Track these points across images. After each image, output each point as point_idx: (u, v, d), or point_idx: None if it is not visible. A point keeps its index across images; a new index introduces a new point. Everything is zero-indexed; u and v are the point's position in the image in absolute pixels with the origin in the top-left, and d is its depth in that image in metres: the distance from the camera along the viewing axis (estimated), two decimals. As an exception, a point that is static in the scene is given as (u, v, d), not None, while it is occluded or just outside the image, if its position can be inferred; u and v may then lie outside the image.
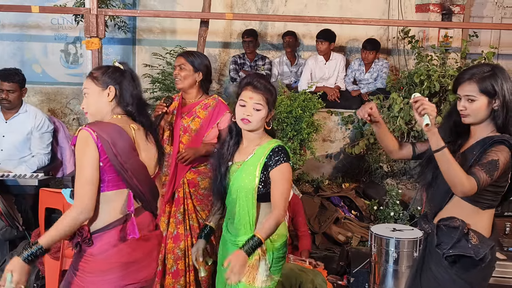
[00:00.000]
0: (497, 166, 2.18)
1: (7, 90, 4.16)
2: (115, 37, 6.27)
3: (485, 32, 6.49)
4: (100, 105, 2.28)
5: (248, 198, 2.46)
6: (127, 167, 2.16)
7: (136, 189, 2.21)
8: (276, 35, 6.53)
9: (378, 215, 4.91)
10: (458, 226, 2.28)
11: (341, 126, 5.73)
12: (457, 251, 2.26)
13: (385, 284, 3.65)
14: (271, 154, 2.44)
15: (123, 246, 2.19)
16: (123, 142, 2.18)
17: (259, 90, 2.45)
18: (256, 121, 2.46)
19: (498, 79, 2.28)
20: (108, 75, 2.28)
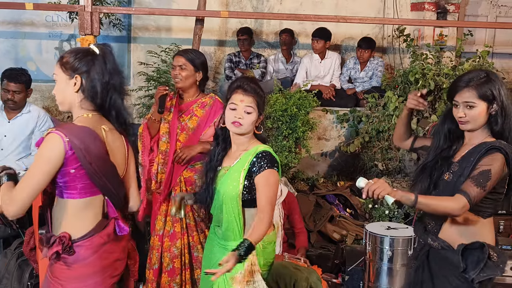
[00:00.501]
0: (489, 177, 2.20)
1: (13, 91, 4.12)
2: (110, 34, 6.24)
3: (480, 31, 6.51)
4: (67, 95, 2.15)
5: (234, 204, 2.44)
6: (101, 174, 2.08)
7: (110, 193, 2.16)
8: (272, 33, 6.53)
9: (372, 214, 4.91)
10: (480, 246, 2.27)
11: (336, 125, 5.73)
12: (487, 275, 2.25)
13: (379, 282, 3.66)
14: (254, 160, 2.41)
15: (104, 249, 2.17)
16: (96, 148, 2.07)
17: (250, 93, 2.44)
18: (247, 124, 2.44)
19: (496, 84, 2.29)
20: (77, 62, 2.11)
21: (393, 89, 5.20)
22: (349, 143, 5.40)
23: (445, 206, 2.19)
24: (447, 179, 2.38)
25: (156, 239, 3.39)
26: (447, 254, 2.36)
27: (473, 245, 2.30)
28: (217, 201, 2.52)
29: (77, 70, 2.11)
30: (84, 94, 2.13)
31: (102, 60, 2.14)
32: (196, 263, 3.35)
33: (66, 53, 2.19)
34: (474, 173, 2.23)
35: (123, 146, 2.27)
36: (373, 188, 2.15)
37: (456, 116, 2.34)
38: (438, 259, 2.42)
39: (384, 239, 3.60)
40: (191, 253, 3.36)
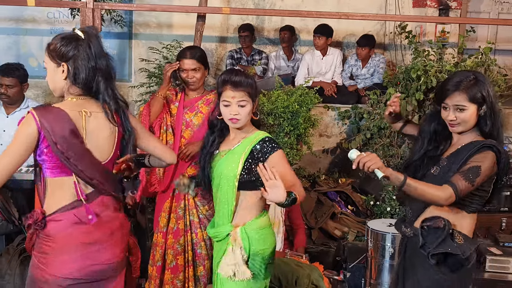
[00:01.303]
0: (478, 173, 2.21)
1: (6, 85, 4.13)
2: (112, 31, 6.24)
3: (482, 28, 6.49)
4: (57, 82, 2.22)
5: (229, 186, 2.46)
6: (68, 155, 2.12)
7: (82, 175, 2.18)
8: (273, 29, 6.51)
9: (374, 210, 4.92)
10: (443, 226, 2.27)
11: (338, 121, 5.73)
12: (443, 249, 2.26)
13: (381, 279, 3.67)
14: (262, 143, 2.45)
15: (80, 226, 2.18)
16: (61, 129, 2.12)
17: (240, 87, 2.44)
18: (244, 117, 2.46)
19: (485, 86, 2.31)
20: (62, 48, 2.16)
21: (394, 86, 5.19)
22: (351, 140, 5.39)
23: (432, 193, 2.20)
24: (434, 172, 2.40)
25: (159, 236, 3.40)
26: (417, 240, 2.37)
27: (435, 222, 2.29)
28: (214, 183, 2.55)
29: (63, 57, 2.16)
30: (71, 80, 2.18)
31: (87, 44, 2.17)
32: (199, 260, 3.35)
33: (52, 40, 2.22)
34: (464, 168, 2.24)
35: (109, 130, 2.26)
36: (364, 160, 2.16)
37: (446, 119, 2.36)
38: (411, 247, 2.45)
39: (386, 236, 3.61)
40: (194, 250, 3.36)
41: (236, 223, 2.48)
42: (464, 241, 2.29)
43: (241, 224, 2.46)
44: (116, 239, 2.31)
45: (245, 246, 2.42)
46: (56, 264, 2.17)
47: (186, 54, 3.34)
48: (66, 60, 2.16)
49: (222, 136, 2.60)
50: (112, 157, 2.31)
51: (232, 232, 2.45)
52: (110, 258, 2.27)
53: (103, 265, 2.25)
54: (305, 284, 3.46)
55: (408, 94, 4.99)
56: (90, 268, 2.21)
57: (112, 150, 2.30)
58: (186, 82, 3.35)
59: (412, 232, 2.42)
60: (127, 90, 6.33)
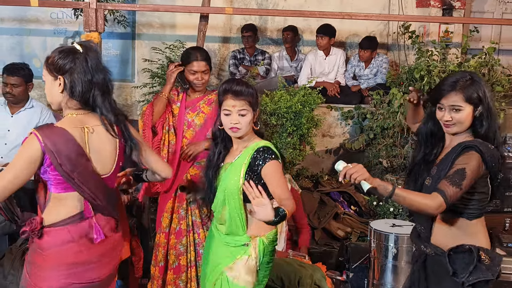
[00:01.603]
0: (464, 175, 2.17)
1: (12, 84, 4.14)
2: (115, 31, 6.25)
3: (486, 28, 6.47)
4: (54, 95, 2.23)
5: (235, 199, 2.45)
6: (73, 175, 2.15)
7: (85, 195, 2.20)
8: (276, 30, 6.51)
9: (377, 211, 4.90)
10: (471, 251, 2.24)
11: (340, 122, 5.72)
12: (477, 278, 2.22)
13: (384, 279, 3.66)
14: (255, 154, 2.43)
15: (72, 246, 2.19)
16: (67, 151, 2.13)
17: (240, 96, 2.43)
18: (245, 126, 2.45)
19: (481, 87, 2.29)
20: (59, 62, 2.17)
21: (398, 86, 5.18)
22: (354, 140, 5.39)
23: (421, 202, 2.16)
24: (427, 183, 2.37)
25: (162, 237, 3.40)
26: (441, 260, 2.33)
27: (461, 248, 2.27)
28: (219, 197, 2.53)
29: (60, 70, 2.17)
30: (68, 93, 2.19)
31: (84, 58, 2.18)
32: (201, 261, 3.35)
33: (51, 53, 2.24)
34: (450, 172, 2.21)
35: (110, 143, 2.28)
36: (350, 172, 2.13)
37: (442, 120, 2.33)
38: (434, 265, 2.40)
39: (389, 236, 3.60)
40: (197, 251, 3.36)
41: (253, 234, 2.47)
42: (491, 260, 2.26)
43: (258, 235, 2.46)
44: (105, 260, 2.31)
45: (259, 257, 2.44)
46: (39, 278, 2.19)
47: (197, 56, 3.30)
48: (62, 73, 2.17)
49: (226, 149, 2.59)
50: (115, 170, 2.32)
51: (253, 243, 2.44)
52: (96, 277, 2.27)
53: (89, 283, 2.25)
54: (307, 284, 3.45)
55: (411, 94, 4.97)
56: (75, 286, 2.21)
57: (114, 163, 2.31)
58: (193, 84, 3.34)
59: (434, 252, 2.37)
60: (130, 90, 6.34)
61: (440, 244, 2.35)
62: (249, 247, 2.45)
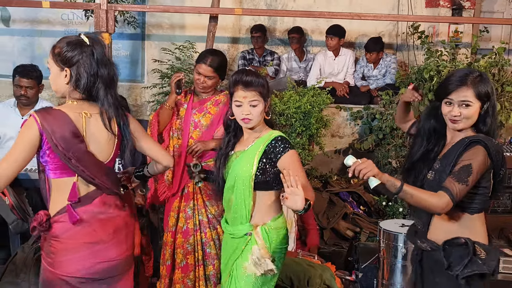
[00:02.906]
0: (470, 171, 2.16)
1: (26, 87, 4.17)
2: (125, 32, 6.29)
3: (495, 27, 6.44)
4: (59, 85, 2.26)
5: (245, 186, 2.46)
6: (69, 155, 2.17)
7: (84, 175, 2.22)
8: (285, 30, 6.52)
9: (386, 211, 4.90)
10: (467, 244, 2.23)
11: (350, 122, 5.73)
12: (471, 271, 2.20)
13: (393, 279, 3.65)
14: (274, 143, 2.44)
15: (84, 225, 2.22)
16: (62, 131, 2.16)
17: (251, 87, 2.45)
18: (256, 117, 2.47)
19: (489, 83, 2.28)
20: (67, 54, 2.20)
21: (407, 87, 5.17)
22: (363, 140, 5.39)
23: (428, 201, 2.15)
24: (430, 178, 2.36)
25: (169, 236, 3.42)
26: (435, 255, 2.32)
27: (456, 241, 2.25)
28: (228, 184, 2.55)
29: (67, 63, 2.21)
30: (73, 85, 2.23)
31: (91, 51, 2.21)
32: (208, 260, 3.37)
33: (58, 43, 2.26)
34: (455, 169, 2.19)
35: (108, 132, 2.30)
36: (360, 167, 2.14)
37: (450, 115, 2.29)
38: (429, 260, 2.39)
39: (398, 236, 3.59)
40: (204, 250, 3.37)
41: (255, 223, 2.48)
42: (487, 254, 2.24)
43: (260, 224, 2.47)
44: (120, 237, 2.34)
45: (267, 245, 2.44)
46: (63, 264, 2.21)
47: (206, 59, 3.31)
48: (69, 65, 2.21)
49: (236, 137, 2.61)
50: (113, 157, 2.35)
51: (255, 232, 2.45)
52: (116, 255, 2.31)
53: (110, 262, 2.29)
54: (317, 284, 3.46)
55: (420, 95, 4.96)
56: (97, 266, 2.25)
57: (113, 151, 2.34)
58: (195, 83, 3.37)
59: (429, 247, 2.36)
60: (140, 91, 6.38)
61: (436, 239, 2.34)
62: (252, 237, 2.46)
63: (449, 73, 2.41)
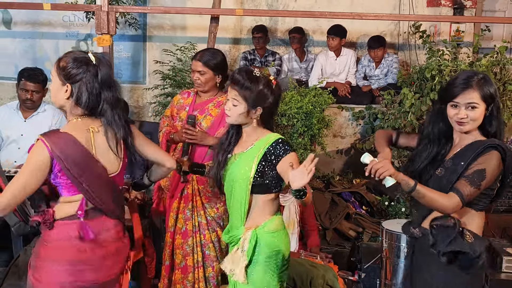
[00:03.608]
0: (484, 176, 2.18)
1: (32, 91, 4.17)
2: (126, 34, 6.29)
3: (497, 26, 6.42)
4: (59, 98, 2.27)
5: (242, 189, 2.45)
6: (81, 179, 2.20)
7: (92, 198, 2.24)
8: (286, 30, 6.52)
9: (389, 211, 4.89)
10: (453, 224, 2.24)
11: (351, 122, 5.72)
12: (454, 248, 2.23)
13: (396, 279, 3.65)
14: (275, 145, 2.42)
15: (76, 243, 2.23)
16: (75, 155, 2.18)
17: (235, 86, 2.45)
18: (233, 115, 2.47)
19: (493, 85, 2.30)
20: (71, 71, 2.21)
21: (409, 86, 5.17)
22: (365, 140, 5.38)
23: (439, 201, 2.18)
24: (439, 173, 2.36)
25: (167, 236, 3.43)
26: (424, 240, 2.35)
27: (445, 222, 2.26)
28: (226, 187, 2.55)
29: (69, 79, 2.22)
30: (74, 101, 2.24)
31: (95, 71, 2.23)
32: (208, 261, 3.36)
33: (64, 57, 2.28)
34: (469, 172, 2.21)
35: (115, 142, 2.32)
36: (377, 167, 2.14)
37: (456, 117, 2.31)
38: (419, 248, 2.42)
39: (401, 236, 3.58)
40: (203, 251, 3.36)
41: (249, 226, 2.47)
42: (474, 239, 2.27)
43: (254, 227, 2.46)
44: (107, 263, 2.33)
45: (248, 250, 2.41)
46: (42, 269, 2.24)
47: (197, 55, 3.36)
48: (71, 82, 2.22)
49: (238, 136, 2.59)
50: (122, 167, 2.37)
51: (244, 236, 2.45)
52: (94, 279, 2.29)
53: (86, 283, 2.27)
54: (319, 284, 3.46)
55: (422, 94, 4.96)
56: (74, 284, 2.24)
57: (121, 161, 2.36)
58: (194, 83, 3.38)
59: (421, 232, 2.40)
60: (142, 92, 6.38)
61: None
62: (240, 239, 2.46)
63: (453, 77, 2.41)
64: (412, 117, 4.89)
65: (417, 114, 4.89)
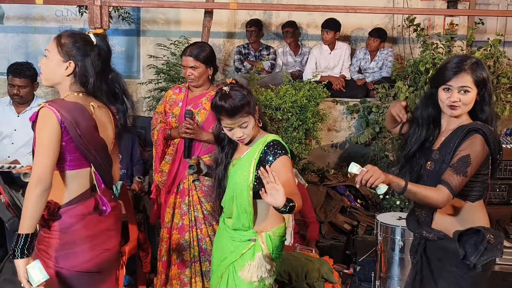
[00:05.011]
0: (468, 162, 2.17)
1: (19, 86, 4.14)
2: (119, 28, 6.26)
3: (491, 20, 6.43)
4: (56, 75, 2.23)
5: (244, 195, 2.43)
6: (90, 146, 2.18)
7: (99, 166, 2.24)
8: (280, 24, 6.50)
9: (384, 204, 4.91)
10: (479, 232, 2.23)
11: (346, 116, 5.72)
12: (487, 258, 2.22)
13: (391, 272, 3.67)
14: (266, 149, 2.40)
15: (92, 217, 2.24)
16: (86, 121, 2.17)
17: (236, 115, 2.35)
18: (249, 133, 2.42)
19: (485, 70, 2.28)
20: (74, 49, 2.19)
21: (403, 79, 5.18)
22: (360, 134, 5.39)
23: (429, 197, 2.17)
24: (430, 168, 2.35)
25: (164, 231, 3.42)
26: (444, 244, 2.33)
27: (468, 231, 2.27)
28: (228, 193, 2.52)
29: (73, 56, 2.20)
30: (76, 79, 2.22)
31: (98, 51, 2.23)
32: (204, 256, 3.36)
33: (65, 34, 2.25)
34: (454, 160, 2.20)
35: (110, 123, 2.35)
36: (367, 177, 2.09)
37: (448, 101, 2.28)
38: (436, 250, 2.38)
39: (396, 229, 3.60)
40: (200, 246, 3.37)
41: (260, 230, 2.47)
42: (494, 238, 2.25)
43: (265, 230, 2.46)
44: (119, 226, 2.40)
45: (270, 250, 2.45)
46: (72, 255, 2.20)
47: (186, 51, 3.34)
48: (75, 59, 2.20)
49: (233, 147, 2.56)
50: (113, 149, 2.40)
51: (260, 238, 2.44)
52: (115, 244, 2.36)
53: (111, 251, 2.32)
54: (314, 278, 3.46)
55: (416, 87, 4.97)
56: (100, 257, 2.26)
57: (112, 143, 2.38)
58: (187, 79, 3.38)
59: (436, 236, 2.36)
60: (136, 86, 6.36)
61: (443, 228, 2.35)
62: (257, 242, 2.45)
63: (444, 60, 2.39)
64: (406, 110, 4.90)
65: (412, 107, 4.88)
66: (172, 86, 3.80)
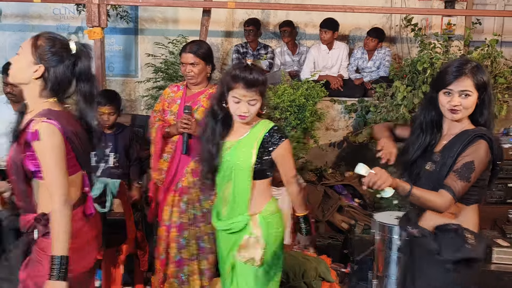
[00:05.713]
0: (472, 168, 2.17)
1: (11, 84, 4.15)
2: (117, 27, 6.26)
3: (488, 20, 6.45)
4: (24, 75, 2.14)
5: (244, 176, 2.48)
6: (85, 151, 2.23)
7: (89, 167, 2.29)
8: (278, 24, 6.51)
9: (381, 203, 4.92)
10: (457, 230, 2.25)
11: (344, 115, 5.73)
12: (459, 256, 2.23)
13: (388, 271, 3.67)
14: (271, 132, 2.49)
15: (85, 224, 2.24)
16: (78, 128, 2.18)
17: (253, 87, 2.41)
18: (253, 114, 2.49)
19: (485, 74, 2.28)
20: (48, 53, 2.10)
21: (401, 79, 5.18)
22: (357, 133, 5.39)
23: (432, 202, 2.17)
24: (430, 169, 2.35)
25: (163, 230, 3.42)
26: (425, 241, 2.34)
27: (447, 227, 2.27)
28: (223, 175, 2.55)
29: (45, 61, 2.11)
30: (46, 85, 2.13)
31: (73, 61, 2.15)
32: (203, 254, 3.36)
33: (44, 37, 2.15)
34: (457, 165, 2.20)
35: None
36: (375, 179, 2.10)
37: (449, 105, 2.28)
38: (419, 248, 2.40)
39: (393, 228, 3.60)
40: (198, 244, 3.37)
41: (253, 212, 2.51)
42: (476, 240, 2.26)
43: (257, 212, 2.51)
44: (98, 229, 2.39)
45: (263, 234, 2.49)
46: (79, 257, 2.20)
47: (186, 48, 3.36)
48: (46, 65, 2.11)
49: (227, 126, 2.57)
50: None
51: (252, 221, 2.49)
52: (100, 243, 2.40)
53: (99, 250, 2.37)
54: (312, 277, 3.48)
55: (414, 87, 4.98)
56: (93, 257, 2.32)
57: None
58: (184, 76, 3.37)
59: (421, 233, 2.37)
60: (134, 85, 6.36)
61: (427, 226, 2.35)
62: (249, 226, 2.49)
63: (445, 64, 2.39)
64: (404, 110, 4.91)
65: (409, 107, 4.91)
66: (170, 85, 3.80)
